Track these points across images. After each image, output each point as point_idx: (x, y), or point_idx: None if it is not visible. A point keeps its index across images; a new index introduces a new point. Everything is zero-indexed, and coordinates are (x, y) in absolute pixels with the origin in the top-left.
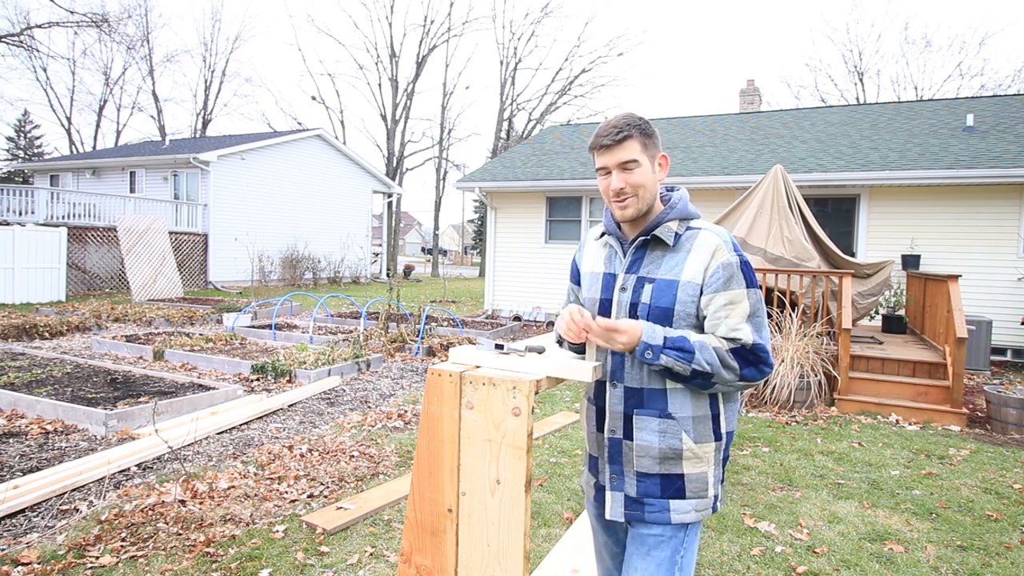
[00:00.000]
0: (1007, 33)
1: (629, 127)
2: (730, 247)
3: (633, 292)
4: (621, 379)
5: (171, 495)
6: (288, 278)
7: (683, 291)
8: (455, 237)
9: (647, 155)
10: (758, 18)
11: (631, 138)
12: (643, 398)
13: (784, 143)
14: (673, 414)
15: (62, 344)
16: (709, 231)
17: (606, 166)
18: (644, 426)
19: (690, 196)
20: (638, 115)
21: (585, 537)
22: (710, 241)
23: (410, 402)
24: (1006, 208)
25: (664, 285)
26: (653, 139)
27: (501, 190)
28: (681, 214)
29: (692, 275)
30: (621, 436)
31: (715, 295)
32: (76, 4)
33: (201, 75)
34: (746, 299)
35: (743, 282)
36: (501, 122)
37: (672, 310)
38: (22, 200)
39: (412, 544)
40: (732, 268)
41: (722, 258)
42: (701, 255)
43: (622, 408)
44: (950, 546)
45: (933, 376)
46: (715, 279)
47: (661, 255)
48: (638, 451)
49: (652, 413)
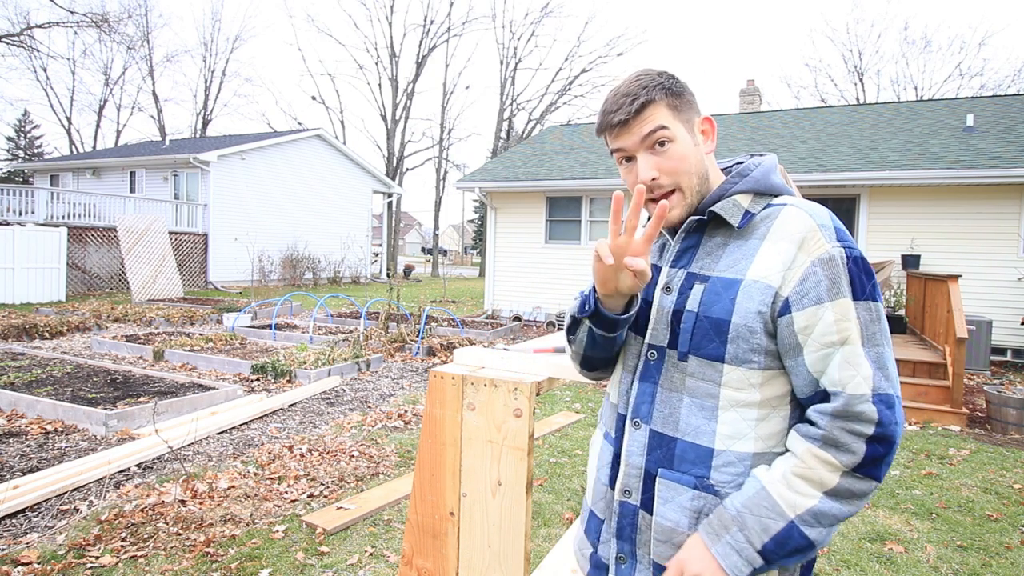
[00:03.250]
0: (1007, 33)
1: (647, 89)
2: (831, 233)
3: (679, 294)
4: (648, 417)
5: (171, 495)
6: (288, 278)
7: (745, 296)
8: (455, 237)
9: (681, 120)
10: (758, 18)
11: (652, 103)
12: (674, 453)
13: (784, 143)
14: (717, 486)
15: (62, 344)
16: (798, 208)
17: (623, 148)
18: (670, 497)
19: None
20: (657, 70)
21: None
22: (797, 223)
23: (410, 402)
24: (1006, 208)
25: (721, 286)
26: (685, 97)
27: (501, 190)
28: (757, 185)
29: (764, 272)
30: (637, 504)
31: (807, 314)
32: (76, 4)
33: (201, 75)
34: (856, 318)
35: (849, 290)
36: (501, 122)
37: (727, 324)
38: (22, 200)
39: (413, 546)
40: (836, 266)
41: (818, 250)
42: (781, 244)
43: (643, 461)
44: (950, 546)
45: (933, 376)
46: (807, 286)
47: (724, 242)
48: (657, 532)
49: (685, 480)
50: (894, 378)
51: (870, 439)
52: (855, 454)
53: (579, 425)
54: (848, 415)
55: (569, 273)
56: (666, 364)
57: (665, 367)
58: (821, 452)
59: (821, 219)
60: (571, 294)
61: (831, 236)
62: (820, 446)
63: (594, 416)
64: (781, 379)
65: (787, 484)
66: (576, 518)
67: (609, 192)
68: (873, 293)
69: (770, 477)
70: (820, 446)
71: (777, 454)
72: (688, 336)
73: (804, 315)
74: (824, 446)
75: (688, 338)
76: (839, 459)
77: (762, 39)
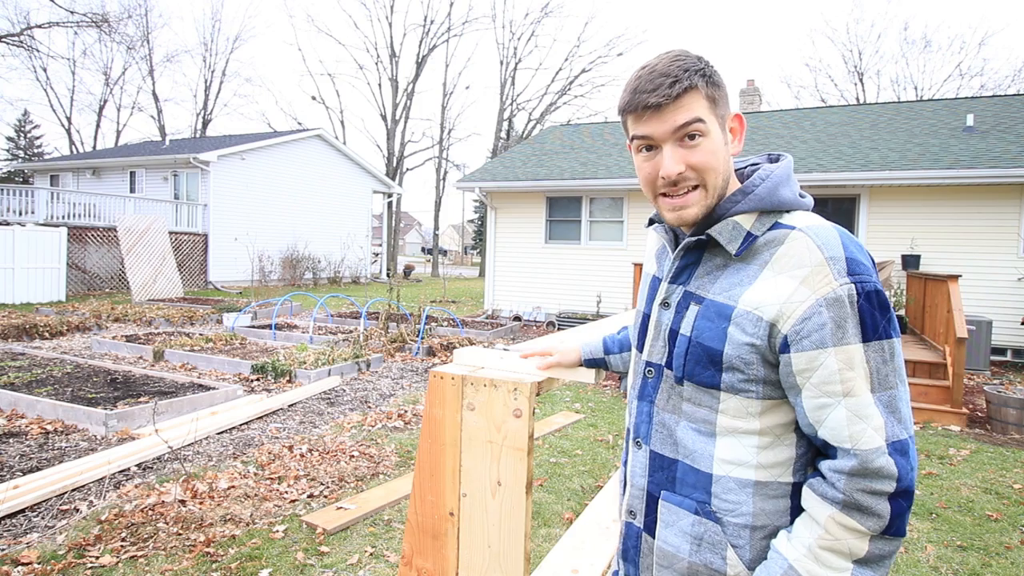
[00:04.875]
0: (1007, 33)
1: (689, 73)
2: (842, 267)
3: (676, 312)
4: (647, 437)
5: (171, 495)
6: (288, 278)
7: (736, 327)
8: (455, 237)
9: (716, 115)
10: (758, 18)
11: (693, 90)
12: (675, 475)
13: (784, 143)
14: (718, 513)
15: (62, 344)
16: (806, 234)
17: (650, 136)
18: (672, 521)
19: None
20: (695, 53)
21: (584, 537)
22: (803, 255)
23: (410, 402)
24: (1006, 208)
25: (714, 311)
26: (722, 89)
27: (501, 190)
28: (762, 203)
29: (758, 302)
30: (640, 526)
31: (806, 357)
32: (76, 4)
33: (201, 75)
34: (864, 363)
35: (857, 333)
36: (501, 122)
37: (720, 355)
38: (22, 200)
39: (413, 547)
40: (843, 308)
41: (824, 288)
42: (782, 278)
43: (645, 483)
44: (950, 546)
45: (933, 376)
46: (809, 326)
47: (724, 263)
48: (659, 556)
49: (686, 505)
50: (907, 418)
51: (892, 496)
52: (881, 517)
53: (579, 425)
54: (866, 474)
55: (569, 273)
56: (663, 384)
57: (662, 388)
58: (845, 519)
59: (831, 250)
60: (571, 294)
61: (841, 271)
62: (842, 511)
63: (594, 416)
64: (784, 408)
65: (815, 559)
66: (576, 518)
67: (609, 192)
68: (887, 330)
69: (796, 554)
70: (842, 511)
71: (783, 484)
72: (682, 361)
73: (803, 358)
74: (847, 511)
75: (682, 363)
76: (866, 525)
77: (762, 39)
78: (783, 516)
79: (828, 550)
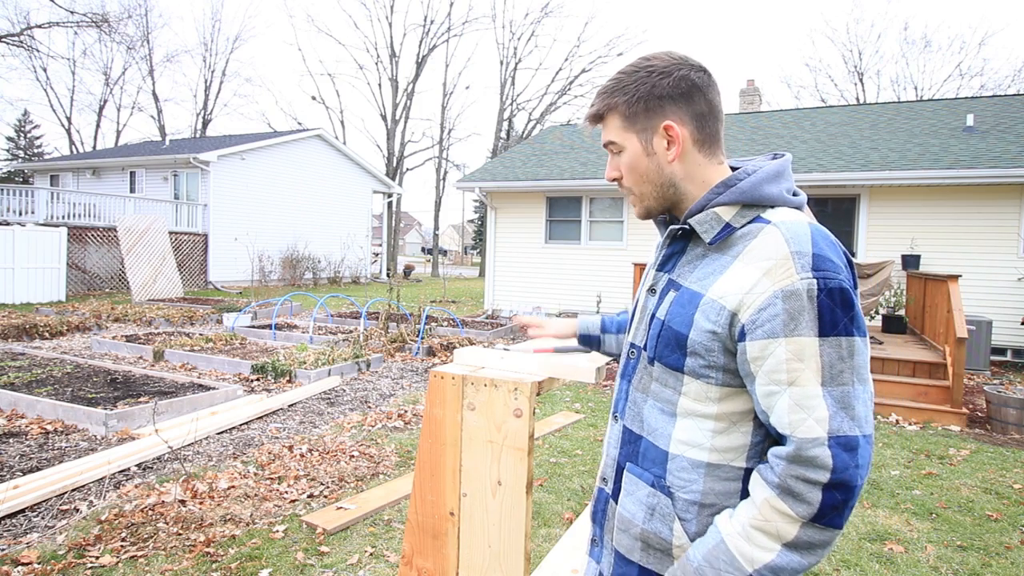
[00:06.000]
0: (1007, 33)
1: (605, 96)
2: (806, 262)
3: (659, 298)
4: (623, 413)
5: (171, 495)
6: (288, 278)
7: (702, 314)
8: (455, 237)
9: (634, 131)
10: (758, 18)
11: (610, 112)
12: (639, 450)
13: (784, 143)
14: (671, 488)
15: (62, 344)
16: (779, 228)
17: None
18: (632, 490)
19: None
20: (638, 67)
21: (584, 537)
22: (770, 247)
23: (410, 402)
24: (1006, 208)
25: (687, 298)
26: (651, 102)
27: (501, 190)
28: (743, 196)
29: (723, 292)
30: (609, 492)
31: (758, 345)
32: (76, 4)
33: (201, 75)
34: (816, 356)
35: (813, 327)
36: (501, 122)
37: (685, 339)
38: (22, 200)
39: (413, 547)
40: (799, 300)
41: (783, 281)
42: (749, 268)
43: (616, 453)
44: (950, 546)
45: (933, 376)
46: (764, 316)
47: (703, 253)
48: (619, 521)
49: (645, 477)
50: (862, 418)
51: (826, 487)
52: (811, 504)
53: (579, 425)
54: (800, 460)
55: (569, 273)
56: (640, 364)
57: (639, 367)
58: (778, 503)
59: (799, 245)
60: (571, 294)
61: (805, 266)
62: (777, 495)
63: (594, 416)
64: (743, 396)
65: (746, 537)
66: (576, 518)
67: (609, 192)
68: (849, 328)
69: (730, 529)
70: (777, 495)
71: (736, 468)
72: (655, 343)
73: (756, 346)
74: (780, 495)
75: (655, 345)
76: (796, 510)
77: (762, 39)
78: (732, 497)
79: (758, 530)
